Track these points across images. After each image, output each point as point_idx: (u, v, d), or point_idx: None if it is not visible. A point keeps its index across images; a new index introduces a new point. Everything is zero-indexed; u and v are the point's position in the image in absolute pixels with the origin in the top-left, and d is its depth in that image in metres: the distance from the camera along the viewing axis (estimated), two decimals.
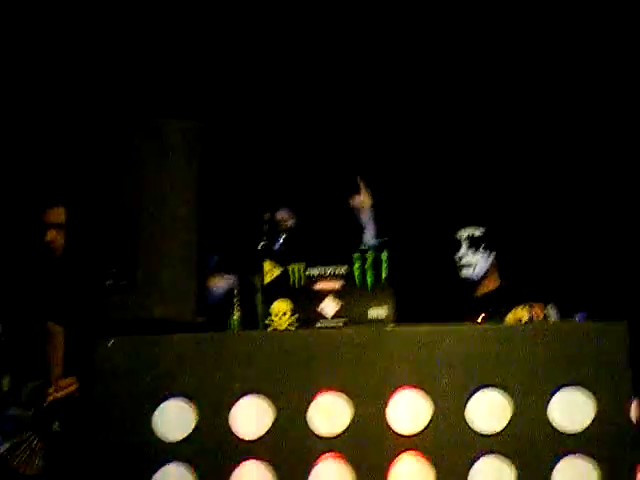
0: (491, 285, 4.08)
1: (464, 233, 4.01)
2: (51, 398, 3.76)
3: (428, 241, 4.41)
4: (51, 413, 3.79)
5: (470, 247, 3.98)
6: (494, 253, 4.02)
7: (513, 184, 4.68)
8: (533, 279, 4.02)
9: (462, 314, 3.74)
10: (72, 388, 3.78)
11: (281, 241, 4.00)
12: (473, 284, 4.07)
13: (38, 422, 3.83)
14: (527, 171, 4.71)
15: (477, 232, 3.99)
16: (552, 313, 3.58)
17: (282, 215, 4.13)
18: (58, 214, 4.04)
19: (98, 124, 3.67)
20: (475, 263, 4.00)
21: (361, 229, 4.06)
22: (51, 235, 4.03)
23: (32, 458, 3.82)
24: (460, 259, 4.01)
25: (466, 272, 4.01)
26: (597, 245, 4.46)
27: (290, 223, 4.12)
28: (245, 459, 2.94)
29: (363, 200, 4.06)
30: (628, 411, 2.85)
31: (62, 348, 3.89)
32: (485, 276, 4.05)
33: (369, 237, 4.07)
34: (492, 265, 4.04)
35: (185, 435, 2.97)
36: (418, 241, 4.41)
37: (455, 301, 4.03)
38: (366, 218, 4.06)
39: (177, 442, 2.97)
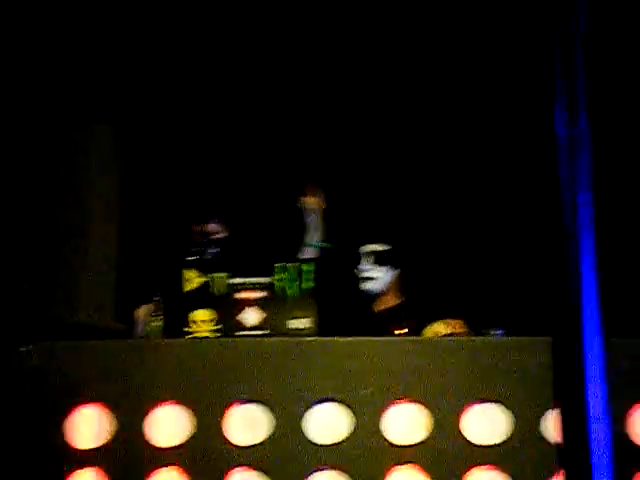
0: (392, 301, 4.11)
1: (367, 248, 4.04)
2: None
3: (335, 256, 4.43)
4: None
5: (373, 262, 4.01)
6: (397, 270, 4.06)
7: (418, 201, 4.74)
8: (434, 296, 4.08)
9: (363, 328, 3.79)
10: None
11: (212, 252, 3.99)
12: (373, 298, 4.10)
13: None
14: (432, 189, 4.79)
15: (380, 248, 4.03)
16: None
17: (213, 227, 4.12)
18: None
19: (18, 127, 3.61)
20: (377, 277, 4.03)
21: (304, 229, 4.10)
22: None
23: None
24: (362, 272, 4.04)
25: (367, 285, 4.03)
26: (499, 263, 4.55)
27: (221, 235, 4.11)
28: (160, 467, 2.91)
29: (313, 202, 4.10)
30: (544, 427, 2.91)
31: None
32: (386, 291, 4.08)
33: (312, 238, 4.09)
34: (394, 281, 4.08)
35: (99, 443, 2.93)
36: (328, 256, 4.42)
37: (356, 315, 4.06)
38: (312, 220, 4.09)
39: (90, 449, 2.92)
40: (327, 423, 2.97)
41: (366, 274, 4.02)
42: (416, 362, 3.00)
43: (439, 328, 3.61)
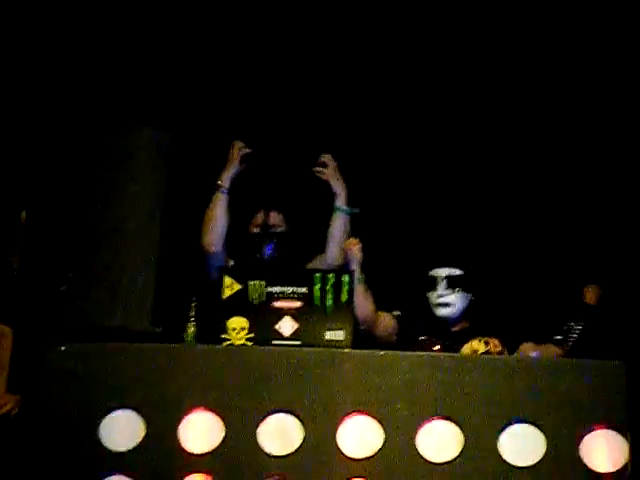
0: (466, 324, 3.96)
1: (442, 272, 3.90)
2: None
3: (401, 277, 4.37)
4: None
5: (449, 287, 3.88)
6: (471, 294, 3.93)
7: (488, 228, 4.69)
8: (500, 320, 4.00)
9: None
10: (8, 407, 3.65)
11: (272, 247, 3.97)
12: (449, 323, 3.94)
13: None
14: (501, 215, 4.74)
15: (456, 272, 3.90)
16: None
17: (276, 218, 4.08)
18: None
19: (64, 128, 3.63)
20: (454, 302, 3.90)
21: (333, 195, 4.06)
22: None
23: None
24: (438, 297, 3.90)
25: (444, 311, 3.89)
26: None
27: (282, 228, 4.07)
28: (191, 473, 2.91)
29: (327, 165, 4.05)
30: (578, 448, 2.87)
31: (10, 350, 3.79)
32: (461, 316, 3.93)
33: (340, 202, 4.04)
34: (469, 306, 3.94)
35: (132, 446, 2.93)
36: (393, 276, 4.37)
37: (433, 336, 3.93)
38: (336, 183, 4.05)
39: (123, 453, 2.92)
40: (359, 436, 2.95)
41: (442, 300, 3.89)
42: (452, 379, 2.97)
43: (477, 346, 3.58)
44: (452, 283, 3.87)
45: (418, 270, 4.03)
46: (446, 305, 3.86)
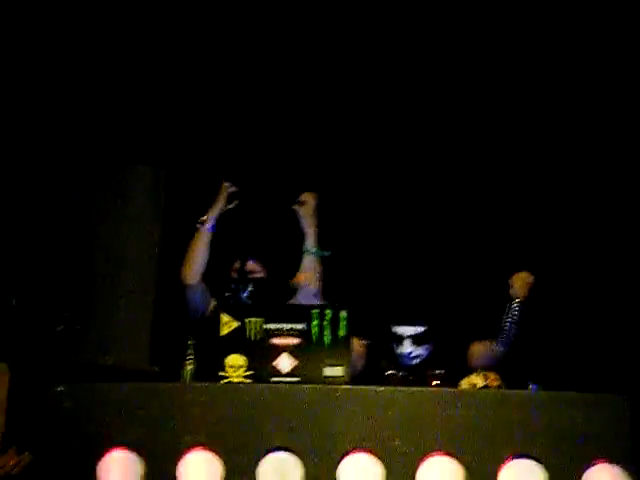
0: None
1: (406, 331, 4.05)
2: None
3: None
4: None
5: (414, 344, 4.03)
6: (432, 343, 4.10)
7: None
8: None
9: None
10: (9, 465, 3.61)
11: (247, 292, 3.98)
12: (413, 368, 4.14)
13: None
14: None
15: (419, 330, 4.04)
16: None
17: (252, 266, 4.10)
18: None
19: (59, 166, 3.64)
20: (421, 354, 4.07)
21: (302, 235, 4.11)
22: None
23: None
24: (407, 354, 4.06)
25: (412, 362, 4.07)
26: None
27: (260, 275, 4.08)
28: None
29: (305, 204, 4.11)
30: None
31: (6, 391, 3.78)
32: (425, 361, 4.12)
33: (310, 244, 4.10)
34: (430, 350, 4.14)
35: None
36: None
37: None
38: (308, 224, 4.10)
39: None
40: (360, 474, 2.92)
41: (411, 356, 4.06)
42: (451, 414, 2.96)
43: (475, 380, 3.58)
44: (417, 341, 4.03)
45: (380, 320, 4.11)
46: (414, 358, 4.06)
